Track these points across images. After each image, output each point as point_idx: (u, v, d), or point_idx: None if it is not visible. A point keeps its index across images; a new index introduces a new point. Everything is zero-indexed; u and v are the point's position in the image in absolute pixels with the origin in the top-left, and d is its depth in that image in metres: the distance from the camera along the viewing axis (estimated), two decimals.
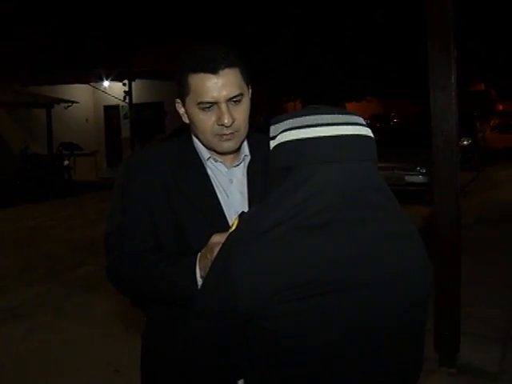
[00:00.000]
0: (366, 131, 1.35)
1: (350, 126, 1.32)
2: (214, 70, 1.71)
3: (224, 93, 1.72)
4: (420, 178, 12.39)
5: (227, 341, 1.35)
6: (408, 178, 12.37)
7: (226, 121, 1.73)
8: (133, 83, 20.04)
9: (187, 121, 1.85)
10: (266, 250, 1.27)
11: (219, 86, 1.71)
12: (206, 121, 1.76)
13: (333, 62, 22.47)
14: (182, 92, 1.79)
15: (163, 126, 20.43)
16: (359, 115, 1.38)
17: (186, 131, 1.95)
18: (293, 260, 1.25)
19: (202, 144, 1.86)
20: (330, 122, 1.31)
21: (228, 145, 1.80)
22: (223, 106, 1.73)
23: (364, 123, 1.37)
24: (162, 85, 20.98)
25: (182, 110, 1.86)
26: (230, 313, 1.29)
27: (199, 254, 1.70)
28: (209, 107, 1.74)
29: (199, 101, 1.73)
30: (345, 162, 1.30)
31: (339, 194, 1.29)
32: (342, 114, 1.34)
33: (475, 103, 33.33)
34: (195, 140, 1.90)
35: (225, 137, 1.77)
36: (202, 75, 1.72)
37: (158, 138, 17.46)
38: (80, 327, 5.71)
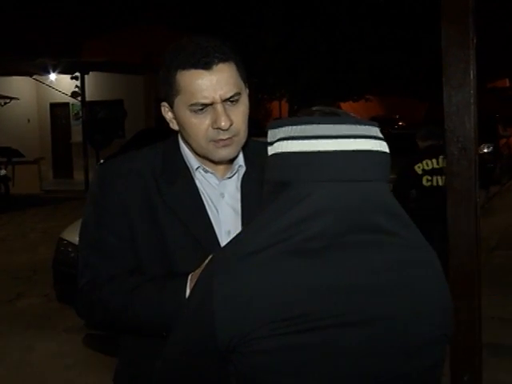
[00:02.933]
0: (381, 146, 1.35)
1: (360, 140, 1.32)
2: (206, 66, 1.73)
3: (220, 92, 1.74)
4: None
5: (206, 380, 1.35)
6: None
7: (223, 123, 1.74)
8: (86, 76, 19.99)
9: (176, 127, 1.87)
10: (250, 276, 1.28)
11: (213, 83, 1.73)
12: (200, 125, 1.77)
13: (325, 53, 22.55)
14: (170, 93, 1.80)
15: (122, 128, 20.41)
16: (374, 124, 1.37)
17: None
18: (282, 288, 1.26)
19: (195, 152, 1.87)
20: (336, 133, 1.31)
21: (226, 152, 1.81)
22: (219, 107, 1.74)
23: (380, 136, 1.36)
24: (120, 79, 20.96)
25: (169, 115, 1.88)
26: (210, 348, 1.30)
27: (190, 277, 1.71)
28: (202, 109, 1.75)
29: (191, 102, 1.75)
30: (350, 182, 1.31)
31: (341, 216, 1.30)
32: (353, 123, 1.34)
33: (497, 103, 33.60)
34: (183, 146, 1.92)
35: (221, 143, 1.79)
36: (192, 72, 1.74)
37: (117, 144, 17.40)
38: (18, 374, 5.63)
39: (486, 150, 17.57)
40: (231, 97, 1.76)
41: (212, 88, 1.73)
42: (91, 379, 5.17)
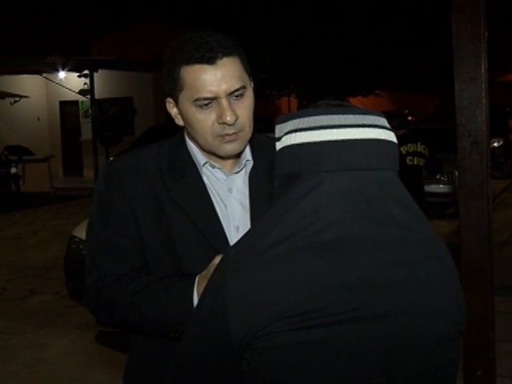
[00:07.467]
0: (388, 135, 1.36)
1: (367, 129, 1.32)
2: (210, 60, 1.73)
3: (224, 86, 1.74)
4: (441, 188, 12.39)
5: (221, 379, 1.36)
6: (427, 187, 12.34)
7: (229, 118, 1.74)
8: (95, 74, 19.99)
9: (181, 123, 1.88)
10: (262, 272, 1.28)
11: (218, 78, 1.74)
12: (205, 120, 1.78)
13: (334, 48, 22.49)
14: (174, 89, 1.81)
15: (132, 125, 20.38)
16: (381, 115, 1.38)
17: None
18: (294, 283, 1.26)
19: (201, 147, 1.88)
20: (343, 123, 1.32)
21: (232, 147, 1.81)
22: (224, 102, 1.75)
23: (386, 125, 1.37)
24: (129, 76, 20.95)
25: (174, 111, 1.88)
26: (224, 346, 1.30)
27: (198, 277, 1.72)
28: (207, 104, 1.76)
29: (195, 97, 1.75)
30: (360, 171, 1.30)
31: (352, 207, 1.30)
32: (360, 113, 1.35)
33: (508, 97, 33.42)
34: (189, 142, 1.93)
35: (227, 138, 1.79)
36: (196, 67, 1.74)
37: (127, 141, 17.40)
38: (31, 371, 5.64)
39: (496, 145, 17.51)
40: (236, 90, 1.76)
41: (216, 83, 1.73)
42: (104, 376, 5.18)
